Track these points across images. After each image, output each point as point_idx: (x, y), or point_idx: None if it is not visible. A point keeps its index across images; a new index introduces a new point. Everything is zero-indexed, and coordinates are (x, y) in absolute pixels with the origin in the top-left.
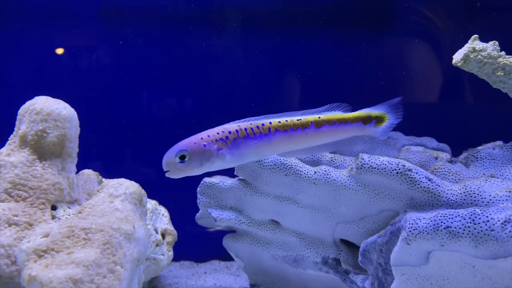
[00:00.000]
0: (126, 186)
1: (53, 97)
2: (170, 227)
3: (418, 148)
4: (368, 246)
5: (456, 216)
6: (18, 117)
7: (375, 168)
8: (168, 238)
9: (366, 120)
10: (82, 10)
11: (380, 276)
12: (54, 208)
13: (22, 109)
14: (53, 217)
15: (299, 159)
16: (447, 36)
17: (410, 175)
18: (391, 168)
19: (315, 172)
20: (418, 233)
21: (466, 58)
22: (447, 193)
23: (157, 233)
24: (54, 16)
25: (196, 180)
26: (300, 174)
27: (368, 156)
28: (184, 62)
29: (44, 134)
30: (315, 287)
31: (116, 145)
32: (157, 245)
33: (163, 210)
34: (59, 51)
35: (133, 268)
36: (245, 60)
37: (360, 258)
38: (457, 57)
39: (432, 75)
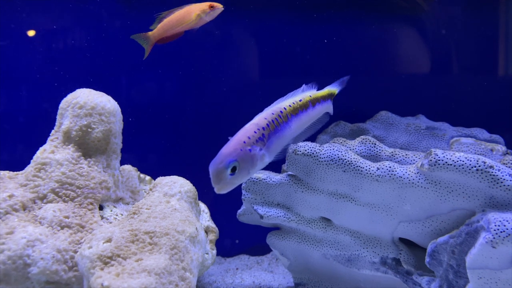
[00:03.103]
0: (181, 184)
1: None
2: (212, 224)
3: (468, 139)
4: (438, 246)
5: None
6: (59, 111)
7: (451, 164)
8: (211, 236)
9: (331, 97)
10: None
11: (451, 279)
12: (100, 207)
13: (64, 103)
14: (101, 218)
15: (359, 154)
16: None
17: (492, 172)
18: (470, 165)
19: (378, 169)
20: (507, 236)
21: None
22: None
23: None
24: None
25: None
26: (361, 171)
27: (442, 152)
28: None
29: (89, 130)
30: (368, 286)
31: (137, 136)
32: None
33: (203, 206)
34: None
35: (198, 273)
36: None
37: (427, 259)
38: None
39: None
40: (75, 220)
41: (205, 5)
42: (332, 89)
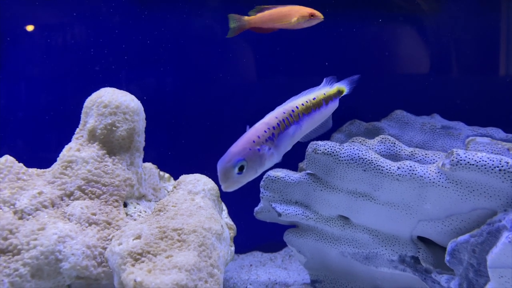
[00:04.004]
0: (204, 182)
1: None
2: (230, 221)
3: (484, 139)
4: (458, 245)
5: None
6: (84, 109)
7: (473, 165)
8: (230, 233)
9: (340, 94)
10: None
11: (471, 277)
12: (124, 204)
13: (89, 102)
14: (126, 215)
15: (378, 153)
16: None
17: None
18: (493, 165)
19: (399, 168)
20: None
21: None
22: None
23: None
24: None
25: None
26: (382, 170)
27: (464, 152)
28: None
29: (114, 128)
30: (385, 284)
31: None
32: None
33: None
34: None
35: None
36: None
37: (447, 258)
38: None
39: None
40: (102, 217)
41: (306, 12)
42: (341, 86)
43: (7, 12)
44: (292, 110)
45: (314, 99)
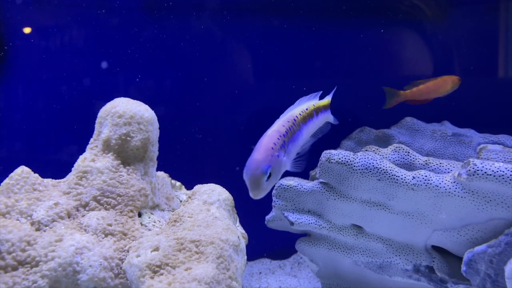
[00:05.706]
0: (219, 192)
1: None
2: (242, 230)
3: (496, 146)
4: (475, 256)
5: None
6: (98, 119)
7: (490, 175)
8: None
9: (328, 107)
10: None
11: None
12: (138, 214)
13: (103, 112)
14: (141, 225)
15: (392, 163)
16: None
17: None
18: (511, 175)
19: (414, 177)
20: None
21: None
22: None
23: None
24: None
25: (230, 176)
26: (397, 179)
27: (481, 162)
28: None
29: (128, 138)
30: None
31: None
32: None
33: None
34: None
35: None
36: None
37: (464, 268)
38: None
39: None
40: (117, 227)
41: (456, 78)
42: (330, 99)
43: (10, 15)
44: (294, 119)
45: (306, 109)
